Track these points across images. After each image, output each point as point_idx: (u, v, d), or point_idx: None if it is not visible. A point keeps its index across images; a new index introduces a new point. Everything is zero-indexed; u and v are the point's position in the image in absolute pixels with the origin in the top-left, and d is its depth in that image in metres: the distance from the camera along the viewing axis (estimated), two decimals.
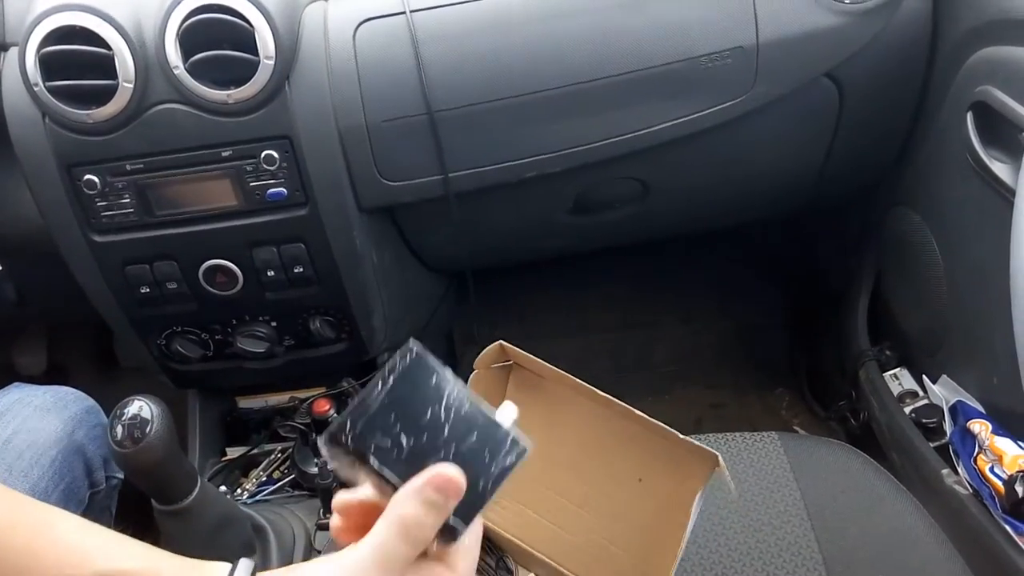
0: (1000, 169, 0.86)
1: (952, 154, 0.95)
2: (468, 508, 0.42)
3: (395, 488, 0.42)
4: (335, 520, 0.45)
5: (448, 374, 0.45)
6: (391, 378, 0.44)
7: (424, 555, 0.43)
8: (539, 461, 0.71)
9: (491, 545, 0.73)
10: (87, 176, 0.88)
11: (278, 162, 0.87)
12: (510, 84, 0.88)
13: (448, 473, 0.40)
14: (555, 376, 0.70)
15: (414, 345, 0.44)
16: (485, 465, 0.43)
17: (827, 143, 1.03)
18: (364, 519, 0.43)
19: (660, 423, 0.65)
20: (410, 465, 0.42)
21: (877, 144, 1.08)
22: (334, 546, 0.44)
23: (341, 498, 0.45)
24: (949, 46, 0.95)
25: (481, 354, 0.72)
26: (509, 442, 0.44)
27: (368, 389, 0.44)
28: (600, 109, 0.91)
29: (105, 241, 0.92)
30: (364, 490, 0.44)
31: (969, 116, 0.90)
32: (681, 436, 0.65)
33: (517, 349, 0.71)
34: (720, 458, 0.63)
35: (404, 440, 0.43)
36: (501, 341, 0.71)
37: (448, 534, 0.42)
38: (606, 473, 0.70)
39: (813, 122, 1.01)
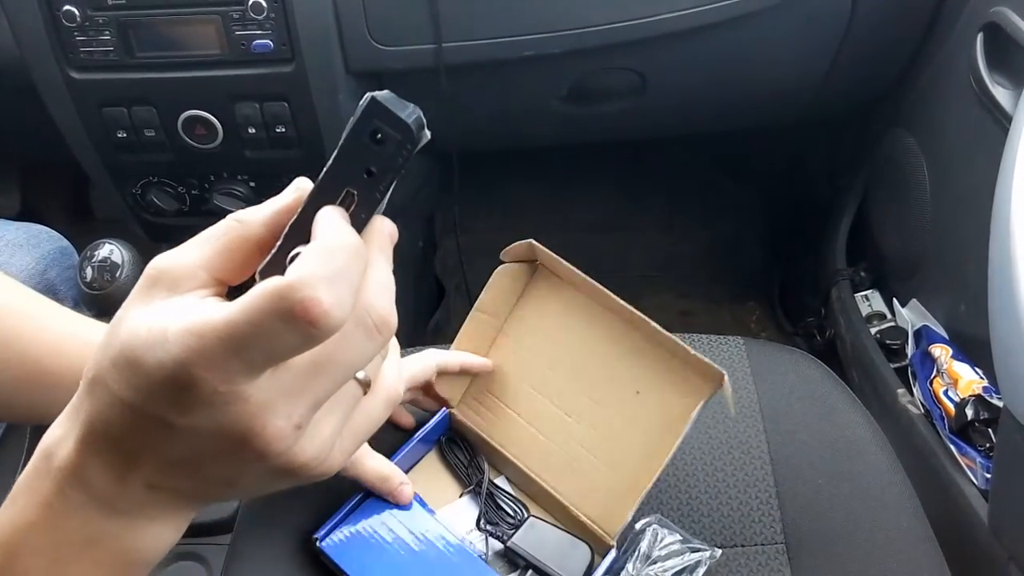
0: (1001, 95, 0.85)
1: (956, 76, 0.93)
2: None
3: None
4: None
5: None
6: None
7: None
8: (540, 367, 0.73)
9: (466, 443, 0.74)
10: (66, 7, 0.84)
11: (266, 11, 0.84)
12: None
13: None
14: (578, 281, 0.70)
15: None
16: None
17: (833, 52, 1.00)
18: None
19: (675, 337, 0.66)
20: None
21: (883, 59, 1.06)
22: None
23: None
24: None
25: (509, 247, 0.71)
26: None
27: None
28: None
29: (83, 79, 0.89)
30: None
31: (979, 37, 0.88)
32: (692, 351, 0.65)
33: (546, 250, 0.70)
34: (726, 377, 0.63)
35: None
36: (532, 240, 0.70)
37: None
38: (605, 384, 0.70)
39: (821, 28, 0.98)
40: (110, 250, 0.78)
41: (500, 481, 0.73)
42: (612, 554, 0.66)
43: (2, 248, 0.88)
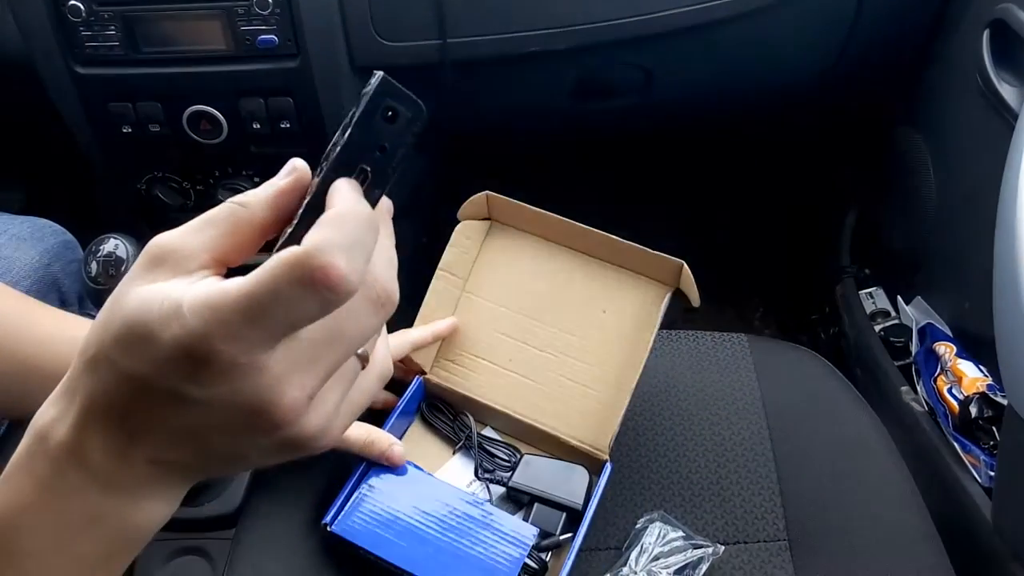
0: (1008, 92, 0.84)
1: (963, 74, 0.93)
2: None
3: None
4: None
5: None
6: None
7: None
8: (507, 313, 0.76)
9: (447, 405, 0.76)
10: (72, 2, 0.84)
11: (271, 7, 0.84)
12: None
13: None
14: (532, 221, 0.76)
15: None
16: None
17: (839, 49, 1.00)
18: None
19: (628, 243, 0.73)
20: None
21: (889, 56, 1.05)
22: None
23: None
24: None
25: (465, 203, 0.76)
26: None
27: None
28: None
29: (88, 73, 0.89)
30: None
31: (986, 34, 0.87)
32: (647, 251, 0.71)
33: (501, 198, 0.75)
34: (685, 266, 0.69)
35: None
36: (488, 192, 0.75)
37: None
38: (572, 312, 0.75)
39: (827, 24, 0.97)
40: (115, 245, 0.78)
41: (487, 432, 0.75)
42: (609, 467, 0.69)
43: (6, 242, 0.89)
